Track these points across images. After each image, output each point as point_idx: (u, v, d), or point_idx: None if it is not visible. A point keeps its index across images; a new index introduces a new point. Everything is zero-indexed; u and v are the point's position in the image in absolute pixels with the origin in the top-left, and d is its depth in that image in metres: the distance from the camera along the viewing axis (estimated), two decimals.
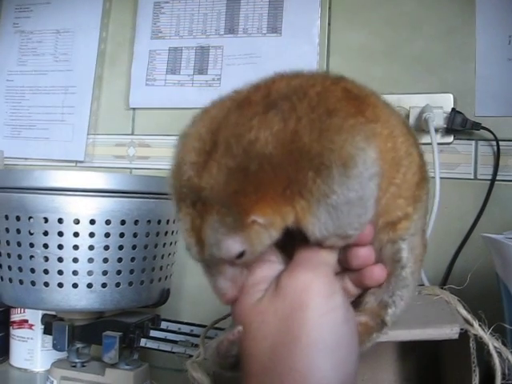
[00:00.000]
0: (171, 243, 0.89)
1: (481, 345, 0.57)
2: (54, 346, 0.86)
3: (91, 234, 0.78)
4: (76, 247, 0.77)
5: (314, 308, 0.38)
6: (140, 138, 1.21)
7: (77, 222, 0.77)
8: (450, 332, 0.54)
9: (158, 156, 1.19)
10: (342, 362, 0.37)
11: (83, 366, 0.89)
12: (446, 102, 1.00)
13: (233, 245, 0.37)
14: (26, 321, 1.08)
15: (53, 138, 1.27)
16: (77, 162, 1.24)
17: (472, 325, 0.57)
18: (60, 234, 0.77)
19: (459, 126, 0.97)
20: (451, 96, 1.00)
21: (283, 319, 0.38)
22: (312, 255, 0.40)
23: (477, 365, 0.54)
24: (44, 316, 0.90)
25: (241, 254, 0.38)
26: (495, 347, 0.57)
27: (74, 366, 0.88)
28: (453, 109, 0.98)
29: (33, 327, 1.07)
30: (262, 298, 0.40)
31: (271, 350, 0.37)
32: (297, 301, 0.38)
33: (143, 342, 0.85)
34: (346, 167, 0.36)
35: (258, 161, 0.36)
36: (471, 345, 0.54)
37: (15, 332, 1.09)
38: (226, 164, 0.36)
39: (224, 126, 0.37)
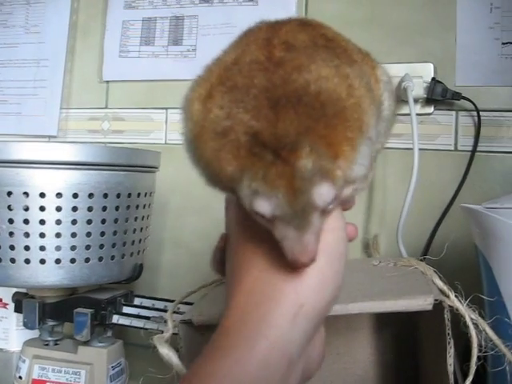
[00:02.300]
0: (143, 217, 0.87)
1: (458, 317, 0.56)
2: (25, 325, 0.85)
3: (58, 208, 0.75)
4: (43, 222, 0.75)
5: (326, 222, 0.39)
6: (114, 112, 1.18)
7: (43, 195, 0.75)
8: (423, 303, 0.53)
9: (133, 130, 1.16)
10: (337, 273, 0.40)
11: (56, 344, 0.87)
12: (425, 71, 0.98)
13: (329, 189, 0.35)
14: (0, 299, 1.06)
15: (25, 113, 1.23)
16: (50, 137, 1.21)
17: (448, 296, 0.56)
18: (26, 208, 0.74)
19: (439, 95, 0.95)
20: (431, 65, 0.98)
21: None
22: None
23: (451, 337, 0.53)
24: (15, 294, 0.88)
25: (333, 200, 0.36)
26: (472, 319, 0.56)
27: (47, 345, 0.87)
28: (433, 78, 0.96)
29: (7, 306, 1.06)
30: None
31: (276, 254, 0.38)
32: None
33: (116, 318, 0.83)
34: (380, 104, 0.41)
35: (330, 108, 0.35)
36: (446, 316, 0.52)
37: None
38: (303, 112, 0.35)
39: (278, 85, 0.35)
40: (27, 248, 0.75)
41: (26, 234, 0.75)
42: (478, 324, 0.57)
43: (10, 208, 0.74)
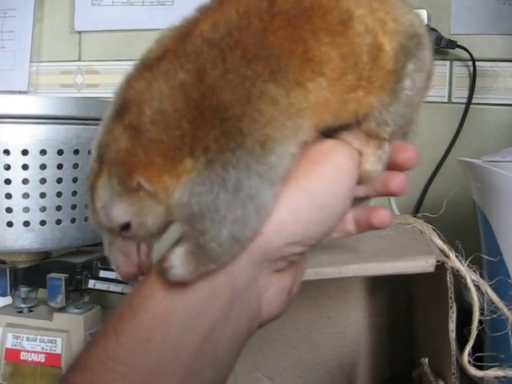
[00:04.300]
0: None
1: (456, 277, 0.53)
2: None
3: (24, 166, 0.70)
4: (8, 181, 0.70)
5: (332, 166, 0.37)
6: (88, 65, 1.12)
7: (7, 152, 0.69)
8: (424, 265, 0.49)
9: (109, 83, 1.10)
10: (313, 223, 0.36)
11: (30, 312, 0.83)
12: None
13: (117, 212, 0.33)
14: None
15: None
16: (20, 92, 1.14)
17: (448, 256, 0.52)
18: None
19: (433, 44, 0.90)
20: (425, 12, 0.92)
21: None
22: None
23: (454, 300, 0.49)
24: None
25: (126, 226, 0.34)
26: (473, 280, 0.53)
27: (21, 312, 0.83)
28: (426, 25, 0.91)
29: None
30: None
31: None
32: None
33: (92, 283, 0.79)
34: (263, 149, 0.32)
35: (150, 120, 0.32)
36: (448, 279, 0.49)
37: None
38: (123, 124, 0.33)
39: (131, 87, 0.33)
40: None
41: None
42: (479, 286, 0.54)
43: None
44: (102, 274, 0.80)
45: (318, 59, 0.33)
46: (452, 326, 0.50)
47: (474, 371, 0.53)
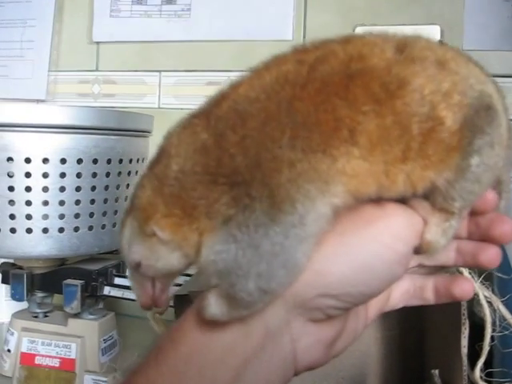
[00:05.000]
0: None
1: None
2: (13, 296, 0.81)
3: (45, 175, 0.72)
4: (28, 189, 0.71)
5: (385, 228, 0.36)
6: (105, 75, 1.14)
7: (28, 161, 0.71)
8: None
9: (125, 93, 1.12)
10: (348, 283, 0.35)
11: (46, 317, 0.84)
12: (432, 34, 0.93)
13: (134, 252, 0.37)
14: None
15: (12, 76, 1.18)
16: (38, 101, 1.16)
17: (461, 272, 0.52)
18: (10, 174, 0.71)
19: None
20: (438, 28, 0.93)
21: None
22: None
23: (467, 317, 0.50)
24: (1, 264, 0.85)
25: (138, 264, 0.38)
26: (485, 296, 0.53)
27: (36, 317, 0.84)
28: (440, 41, 0.91)
29: None
30: None
31: None
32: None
33: (107, 289, 0.80)
34: (278, 209, 0.32)
35: (174, 176, 0.35)
36: None
37: None
38: (153, 172, 0.36)
39: (171, 138, 0.36)
40: (12, 217, 0.72)
41: (11, 202, 0.71)
42: (491, 302, 0.54)
43: None
44: (117, 281, 0.81)
45: (349, 128, 0.33)
46: (464, 342, 0.50)
47: None
